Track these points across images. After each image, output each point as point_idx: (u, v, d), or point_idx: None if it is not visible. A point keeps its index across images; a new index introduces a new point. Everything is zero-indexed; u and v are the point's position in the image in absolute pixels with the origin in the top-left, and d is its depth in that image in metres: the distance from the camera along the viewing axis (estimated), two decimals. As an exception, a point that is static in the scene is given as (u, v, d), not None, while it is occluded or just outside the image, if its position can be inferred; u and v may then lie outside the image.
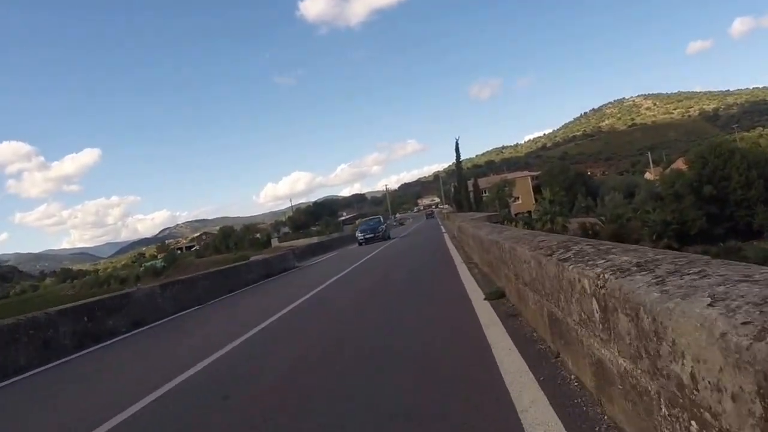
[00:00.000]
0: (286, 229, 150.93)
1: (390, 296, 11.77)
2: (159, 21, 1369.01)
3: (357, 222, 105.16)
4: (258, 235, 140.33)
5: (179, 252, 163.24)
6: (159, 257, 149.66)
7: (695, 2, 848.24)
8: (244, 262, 25.70)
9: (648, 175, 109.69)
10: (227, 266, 22.48)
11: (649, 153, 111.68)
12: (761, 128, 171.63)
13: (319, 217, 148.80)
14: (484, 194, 78.18)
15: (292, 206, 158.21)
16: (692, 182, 57.53)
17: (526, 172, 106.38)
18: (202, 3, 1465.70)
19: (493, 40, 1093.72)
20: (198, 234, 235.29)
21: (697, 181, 57.97)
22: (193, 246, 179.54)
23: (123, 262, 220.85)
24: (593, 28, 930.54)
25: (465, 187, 66.16)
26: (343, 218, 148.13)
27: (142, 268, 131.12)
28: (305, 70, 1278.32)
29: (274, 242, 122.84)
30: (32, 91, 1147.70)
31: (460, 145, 66.75)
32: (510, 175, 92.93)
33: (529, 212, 68.56)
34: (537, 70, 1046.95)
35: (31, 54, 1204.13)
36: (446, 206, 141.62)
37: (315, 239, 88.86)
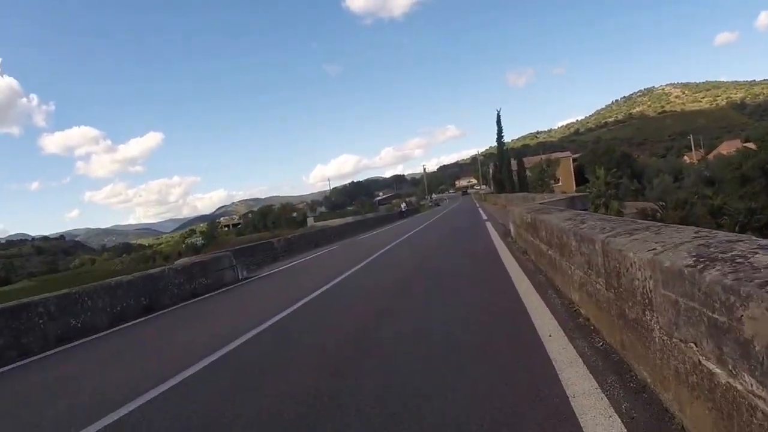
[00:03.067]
0: (322, 209, 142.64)
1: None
2: (216, 15, 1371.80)
3: (393, 202, 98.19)
4: (294, 215, 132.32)
5: (227, 228, 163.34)
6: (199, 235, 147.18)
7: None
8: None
9: (687, 159, 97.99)
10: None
11: (690, 137, 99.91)
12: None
13: (355, 197, 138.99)
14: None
15: (329, 186, 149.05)
16: (765, 164, 46.59)
17: (567, 153, 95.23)
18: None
19: (529, 30, 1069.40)
20: (246, 212, 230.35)
21: (772, 162, 46.83)
22: (239, 224, 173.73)
23: (177, 239, 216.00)
24: (624, 19, 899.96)
25: (508, 164, 55.57)
26: (379, 198, 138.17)
27: (184, 245, 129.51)
28: (351, 59, 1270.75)
29: (310, 221, 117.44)
30: (99, 79, 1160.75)
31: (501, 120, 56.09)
32: (553, 155, 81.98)
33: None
34: (570, 60, 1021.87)
35: (97, 43, 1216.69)
36: (483, 187, 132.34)
37: (350, 218, 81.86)
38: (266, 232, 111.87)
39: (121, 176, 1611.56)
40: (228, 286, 14.40)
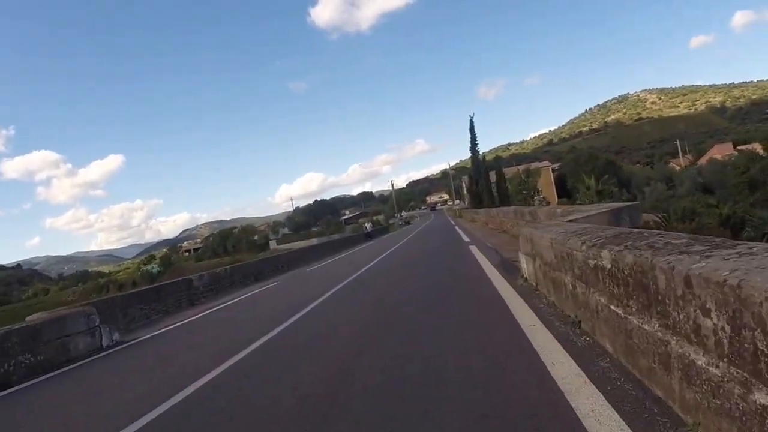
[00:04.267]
0: (285, 230, 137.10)
1: None
2: (178, 34, 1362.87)
3: (359, 221, 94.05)
4: (256, 237, 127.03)
5: (187, 253, 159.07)
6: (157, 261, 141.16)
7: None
8: None
9: (673, 165, 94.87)
10: None
11: (677, 142, 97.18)
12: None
13: (320, 217, 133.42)
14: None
15: (293, 206, 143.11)
16: (777, 168, 42.75)
17: (546, 162, 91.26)
18: (216, 15, 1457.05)
19: (499, 41, 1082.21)
20: (209, 235, 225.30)
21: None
22: (199, 248, 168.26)
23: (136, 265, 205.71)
24: (595, 27, 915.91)
25: (486, 176, 50.74)
26: (345, 217, 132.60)
27: (139, 273, 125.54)
28: (317, 75, 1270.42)
29: (272, 244, 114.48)
30: (58, 102, 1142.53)
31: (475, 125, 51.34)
32: (532, 165, 77.65)
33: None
34: (541, 70, 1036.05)
35: (56, 66, 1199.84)
36: (458, 202, 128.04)
37: (315, 240, 77.68)
38: (226, 256, 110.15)
39: (82, 201, 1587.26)
40: (74, 362, 9.52)
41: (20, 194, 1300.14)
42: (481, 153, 53.00)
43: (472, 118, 51.18)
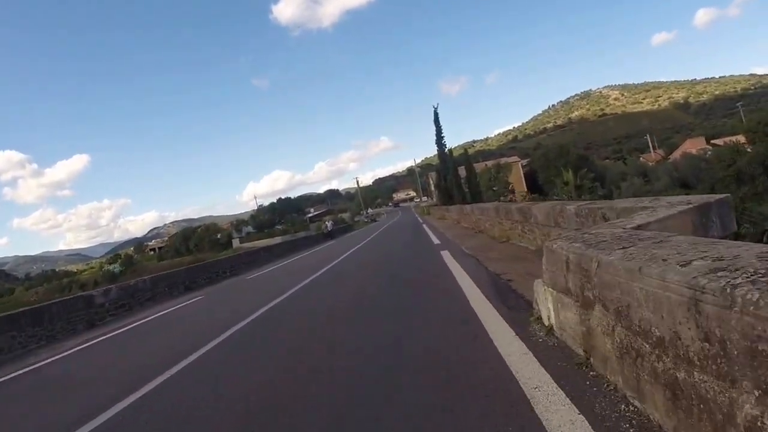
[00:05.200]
0: (249, 229, 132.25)
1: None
2: (141, 32, 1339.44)
3: (324, 219, 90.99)
4: (219, 236, 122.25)
5: (152, 252, 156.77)
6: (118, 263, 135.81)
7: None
8: None
9: (643, 160, 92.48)
10: None
11: (648, 137, 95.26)
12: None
13: (285, 215, 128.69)
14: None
15: (256, 203, 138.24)
16: (766, 159, 39.82)
17: (515, 158, 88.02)
18: (179, 12, 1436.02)
19: (460, 38, 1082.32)
20: (174, 234, 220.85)
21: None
22: (162, 247, 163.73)
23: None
24: (556, 23, 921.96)
25: (455, 171, 46.78)
26: (311, 215, 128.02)
27: (101, 273, 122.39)
28: (280, 72, 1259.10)
29: (235, 243, 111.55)
30: (22, 100, 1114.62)
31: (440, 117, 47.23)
32: (502, 160, 74.10)
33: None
34: (503, 67, 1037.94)
35: (18, 64, 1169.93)
36: (425, 198, 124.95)
37: (278, 239, 76.53)
38: (189, 255, 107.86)
39: (49, 201, 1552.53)
40: None
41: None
42: (447, 147, 48.99)
43: (436, 108, 47.19)
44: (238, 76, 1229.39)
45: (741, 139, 54.19)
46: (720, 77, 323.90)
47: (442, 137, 47.44)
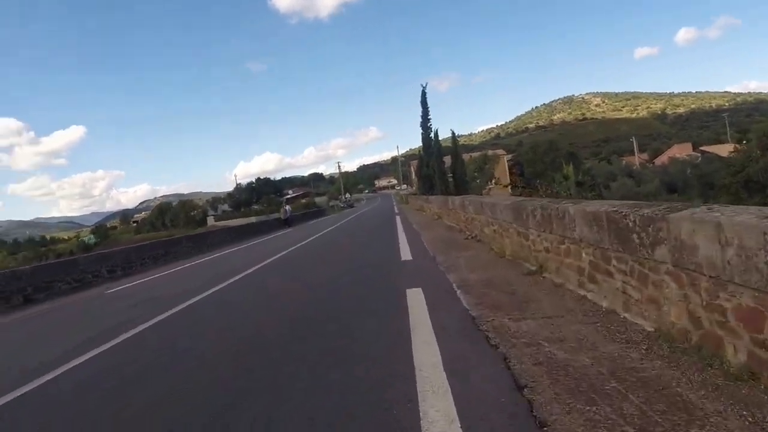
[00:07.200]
0: (225, 207, 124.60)
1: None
2: (142, 9, 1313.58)
3: (303, 201, 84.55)
4: (194, 213, 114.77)
5: (135, 224, 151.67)
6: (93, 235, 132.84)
7: (643, 10, 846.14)
8: None
9: (625, 162, 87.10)
10: None
11: (633, 140, 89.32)
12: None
13: (261, 195, 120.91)
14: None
15: (237, 183, 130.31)
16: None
17: (500, 150, 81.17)
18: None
19: (452, 37, 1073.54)
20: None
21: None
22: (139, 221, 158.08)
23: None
24: (544, 30, 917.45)
25: (438, 157, 39.42)
26: (288, 196, 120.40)
27: (76, 243, 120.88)
28: (276, 58, 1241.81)
29: (210, 221, 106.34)
30: (22, 69, 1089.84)
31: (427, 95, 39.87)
32: (489, 152, 67.11)
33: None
34: (491, 67, 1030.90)
35: (20, 33, 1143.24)
36: (404, 186, 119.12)
37: (253, 219, 70.18)
38: (164, 231, 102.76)
39: (44, 169, 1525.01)
40: None
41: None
42: (434, 130, 41.65)
43: (424, 88, 39.91)
44: (235, 57, 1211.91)
45: (728, 147, 53.77)
46: (696, 92, 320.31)
47: (429, 119, 40.11)
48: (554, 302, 5.37)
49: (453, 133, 42.27)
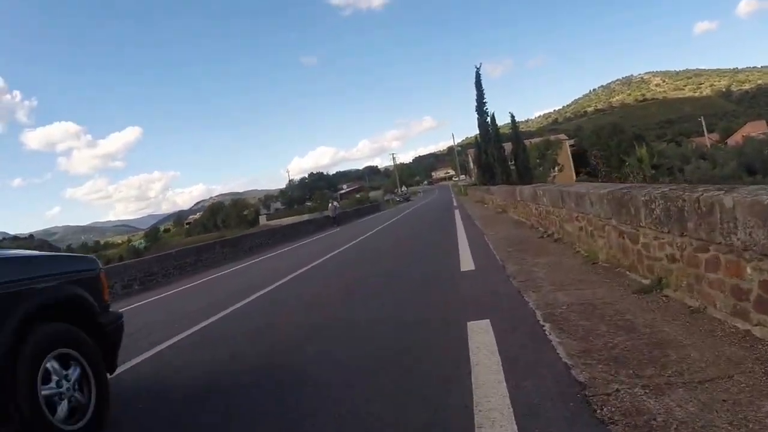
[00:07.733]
0: (278, 205, 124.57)
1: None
2: (191, 8, 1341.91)
3: (358, 196, 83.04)
4: (246, 212, 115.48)
5: (189, 226, 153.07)
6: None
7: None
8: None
9: (694, 144, 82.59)
10: None
11: (701, 119, 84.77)
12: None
13: (314, 191, 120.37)
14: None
15: (289, 179, 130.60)
16: None
17: (562, 135, 77.91)
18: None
19: (506, 20, 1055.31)
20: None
21: None
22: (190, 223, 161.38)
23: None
24: (600, 8, 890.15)
25: (496, 142, 36.82)
26: (342, 191, 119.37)
27: (126, 248, 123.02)
28: (328, 50, 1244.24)
29: (262, 220, 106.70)
30: (79, 73, 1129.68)
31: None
32: (552, 137, 64.19)
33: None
34: (546, 50, 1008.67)
35: (77, 39, 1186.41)
36: (462, 177, 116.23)
37: (306, 216, 67.82)
38: (216, 231, 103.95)
39: (101, 172, 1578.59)
40: None
41: (42, 165, 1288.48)
42: (491, 114, 39.12)
43: (478, 69, 37.40)
44: (288, 52, 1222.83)
45: None
46: (762, 66, 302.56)
47: (484, 103, 37.82)
48: (704, 345, 3.36)
49: (512, 117, 39.94)
